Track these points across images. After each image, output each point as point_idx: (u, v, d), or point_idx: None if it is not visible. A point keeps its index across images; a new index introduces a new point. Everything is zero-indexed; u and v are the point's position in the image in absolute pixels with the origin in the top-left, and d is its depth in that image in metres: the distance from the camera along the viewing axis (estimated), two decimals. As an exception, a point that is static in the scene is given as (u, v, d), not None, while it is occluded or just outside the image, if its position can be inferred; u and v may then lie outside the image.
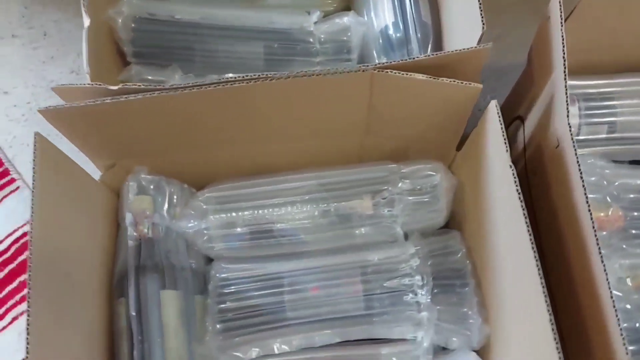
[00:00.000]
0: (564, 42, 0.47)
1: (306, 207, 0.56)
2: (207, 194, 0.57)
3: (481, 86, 0.48)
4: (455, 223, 0.60)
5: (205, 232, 0.55)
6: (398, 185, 0.56)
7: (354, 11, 0.67)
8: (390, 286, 0.54)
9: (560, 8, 0.48)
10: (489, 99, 0.50)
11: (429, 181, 0.56)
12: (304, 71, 0.47)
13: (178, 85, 0.47)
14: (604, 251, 0.43)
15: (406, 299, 0.53)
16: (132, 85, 0.47)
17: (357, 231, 0.57)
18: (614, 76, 0.62)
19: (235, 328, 0.53)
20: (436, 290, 0.53)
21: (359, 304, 0.53)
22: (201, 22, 0.63)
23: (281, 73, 0.47)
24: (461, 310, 0.52)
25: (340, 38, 0.65)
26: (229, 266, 0.56)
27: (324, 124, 0.55)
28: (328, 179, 0.57)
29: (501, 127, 0.47)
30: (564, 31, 0.48)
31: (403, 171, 0.57)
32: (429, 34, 0.61)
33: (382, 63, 0.48)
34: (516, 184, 0.44)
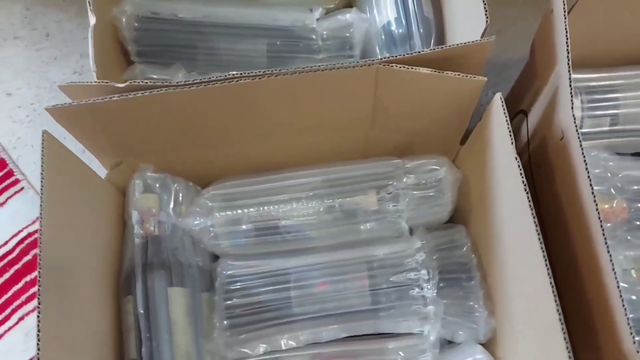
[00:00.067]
0: (568, 35, 0.47)
1: (311, 203, 0.56)
2: (213, 192, 0.57)
3: (485, 79, 0.48)
4: (460, 217, 0.60)
5: (211, 230, 0.56)
6: (403, 180, 0.56)
7: (356, 7, 0.67)
8: (396, 281, 0.54)
9: (563, 0, 0.48)
10: (491, 95, 0.50)
11: (434, 175, 0.56)
12: (309, 66, 0.47)
13: (184, 82, 0.47)
14: (609, 242, 0.43)
15: (412, 294, 0.53)
16: (139, 82, 0.47)
17: (363, 226, 0.57)
18: (616, 69, 0.62)
19: (242, 324, 0.53)
20: (442, 284, 0.53)
21: (366, 299, 0.54)
22: (204, 21, 0.64)
23: (286, 69, 0.47)
24: (467, 303, 0.53)
25: (342, 34, 0.65)
26: (235, 263, 0.56)
27: (329, 119, 0.56)
28: (333, 175, 0.57)
29: (506, 119, 0.47)
30: (567, 24, 0.48)
31: (407, 166, 0.57)
32: (431, 30, 0.61)
33: (387, 57, 0.48)
34: (522, 176, 0.44)
